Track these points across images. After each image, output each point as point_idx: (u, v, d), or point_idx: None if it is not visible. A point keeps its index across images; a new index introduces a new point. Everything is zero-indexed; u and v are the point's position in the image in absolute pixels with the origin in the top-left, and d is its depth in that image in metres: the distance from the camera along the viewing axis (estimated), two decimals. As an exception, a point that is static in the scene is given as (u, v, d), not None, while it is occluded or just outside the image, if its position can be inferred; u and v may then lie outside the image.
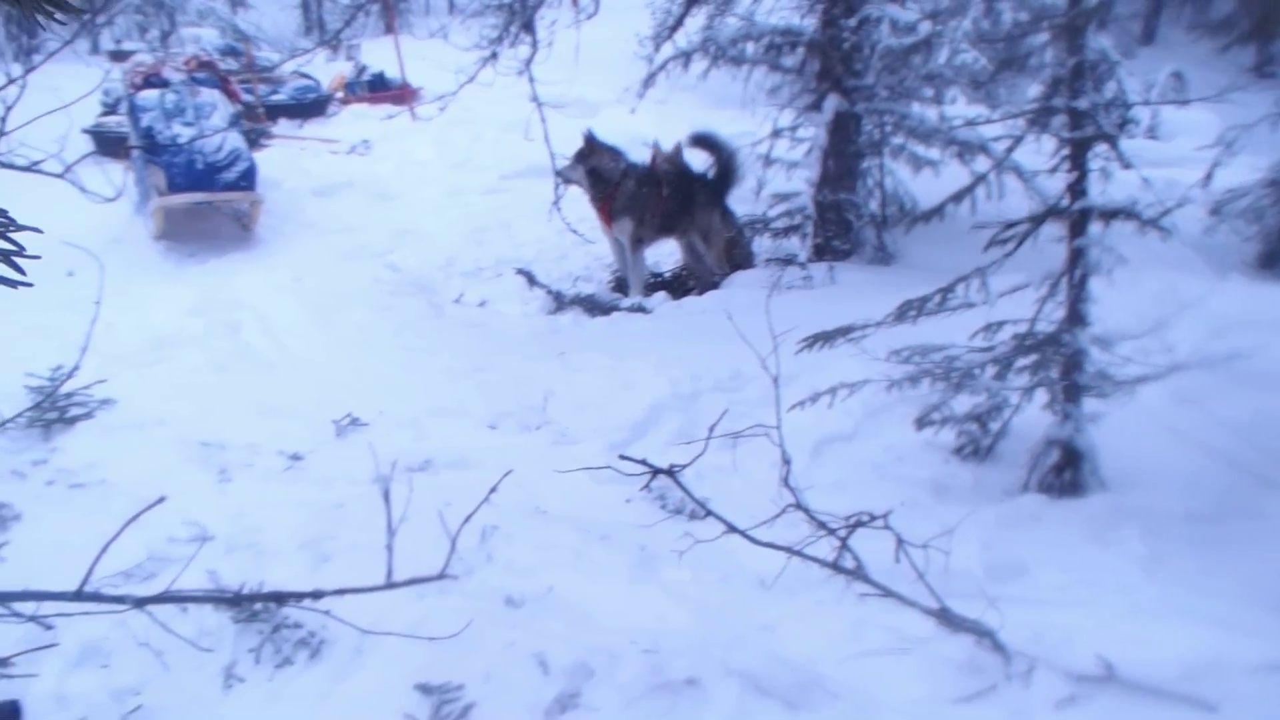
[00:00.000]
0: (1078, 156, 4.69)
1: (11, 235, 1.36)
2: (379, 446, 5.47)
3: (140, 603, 2.62)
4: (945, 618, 3.81)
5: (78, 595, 2.50)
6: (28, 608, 2.52)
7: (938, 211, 5.40)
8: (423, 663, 3.94)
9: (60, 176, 3.59)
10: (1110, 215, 4.62)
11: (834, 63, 7.66)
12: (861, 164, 8.08)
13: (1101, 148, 4.65)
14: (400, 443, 5.63)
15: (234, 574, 4.35)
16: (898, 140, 8.11)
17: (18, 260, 1.64)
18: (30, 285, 1.86)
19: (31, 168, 3.38)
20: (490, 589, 4.40)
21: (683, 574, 4.50)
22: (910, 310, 5.01)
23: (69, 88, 3.78)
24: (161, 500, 2.85)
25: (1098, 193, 4.74)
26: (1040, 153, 5.25)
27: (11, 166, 3.28)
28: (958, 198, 5.43)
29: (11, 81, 3.37)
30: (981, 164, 7.22)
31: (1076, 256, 4.76)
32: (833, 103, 7.68)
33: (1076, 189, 4.72)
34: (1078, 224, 4.73)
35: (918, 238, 7.57)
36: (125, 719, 3.76)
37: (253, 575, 4.27)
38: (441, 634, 3.85)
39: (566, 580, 4.47)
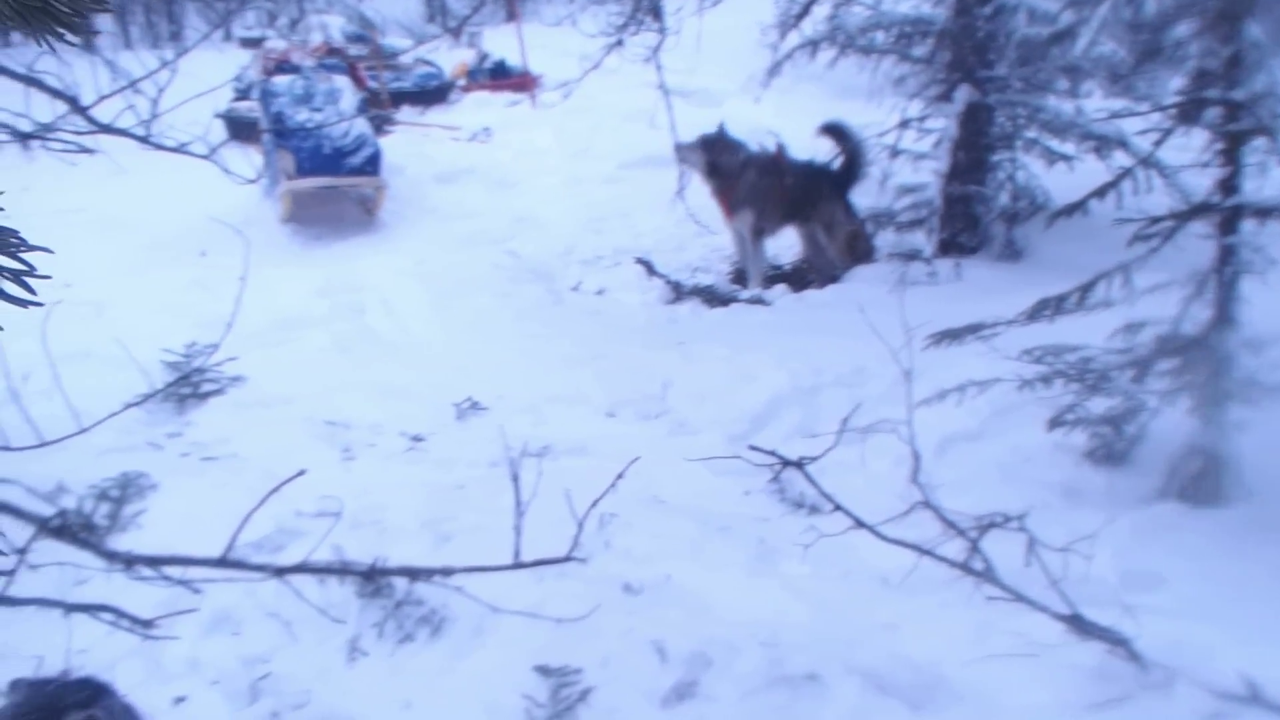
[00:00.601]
0: (1232, 151, 4.53)
1: (22, 255, 1.40)
2: (499, 431, 5.54)
3: (280, 572, 2.70)
4: (1076, 624, 3.71)
5: (221, 562, 2.58)
6: (174, 572, 2.61)
7: (1081, 206, 5.27)
8: (542, 645, 3.99)
9: (206, 158, 3.69)
10: (1266, 213, 4.47)
11: (966, 53, 7.49)
12: (992, 157, 7.87)
13: (1258, 141, 4.48)
14: (519, 428, 5.68)
15: (358, 550, 4.42)
16: (1031, 134, 7.89)
17: (29, 280, 1.69)
18: (40, 305, 1.93)
19: (181, 149, 3.48)
20: (608, 575, 4.43)
21: (802, 569, 4.47)
22: (1046, 308, 4.88)
23: (203, 74, 3.89)
24: (302, 473, 2.92)
25: (1252, 189, 4.58)
26: (1181, 148, 5.08)
27: (163, 147, 3.38)
28: (1101, 192, 5.28)
29: (164, 65, 3.47)
30: (1119, 159, 6.99)
31: (1227, 255, 4.59)
32: (964, 94, 7.50)
33: (1229, 185, 4.56)
34: (1229, 221, 4.57)
35: (1048, 234, 7.34)
36: (255, 685, 3.87)
37: (376, 552, 4.31)
38: (561, 617, 3.90)
39: (685, 570, 4.49)
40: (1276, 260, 4.56)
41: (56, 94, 3.16)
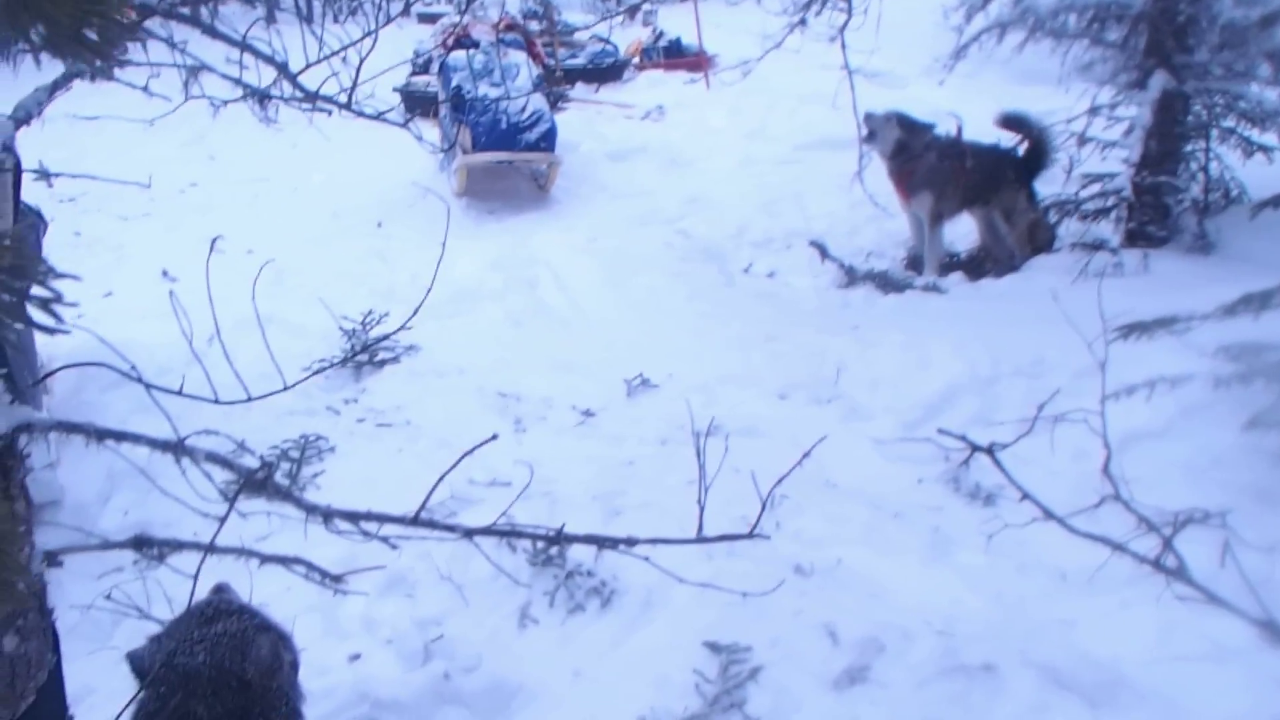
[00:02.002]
0: None
1: (51, 284, 1.40)
2: (670, 409, 5.55)
3: (469, 533, 2.73)
4: (1272, 630, 3.56)
5: (414, 520, 2.61)
6: (370, 527, 2.66)
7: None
8: (711, 622, 3.98)
9: (402, 126, 3.76)
10: None
11: (1164, 37, 7.22)
12: (1185, 147, 7.60)
13: None
14: (691, 407, 5.66)
15: (529, 520, 4.44)
16: (1228, 123, 7.57)
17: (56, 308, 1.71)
18: (68, 333, 1.96)
19: (380, 117, 3.54)
20: (779, 557, 4.39)
21: (978, 559, 4.40)
22: (1249, 304, 4.67)
23: (381, 48, 3.96)
24: (494, 438, 2.93)
25: None
26: None
27: (364, 115, 3.44)
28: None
29: (367, 35, 3.52)
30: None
31: None
32: (1160, 80, 7.22)
33: None
34: None
35: (1243, 228, 7.08)
36: (428, 646, 3.93)
37: (547, 522, 4.37)
38: (731, 595, 3.88)
39: (856, 555, 4.44)
40: None
41: (268, 60, 3.23)
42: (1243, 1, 6.73)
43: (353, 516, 2.54)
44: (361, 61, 3.48)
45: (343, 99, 3.35)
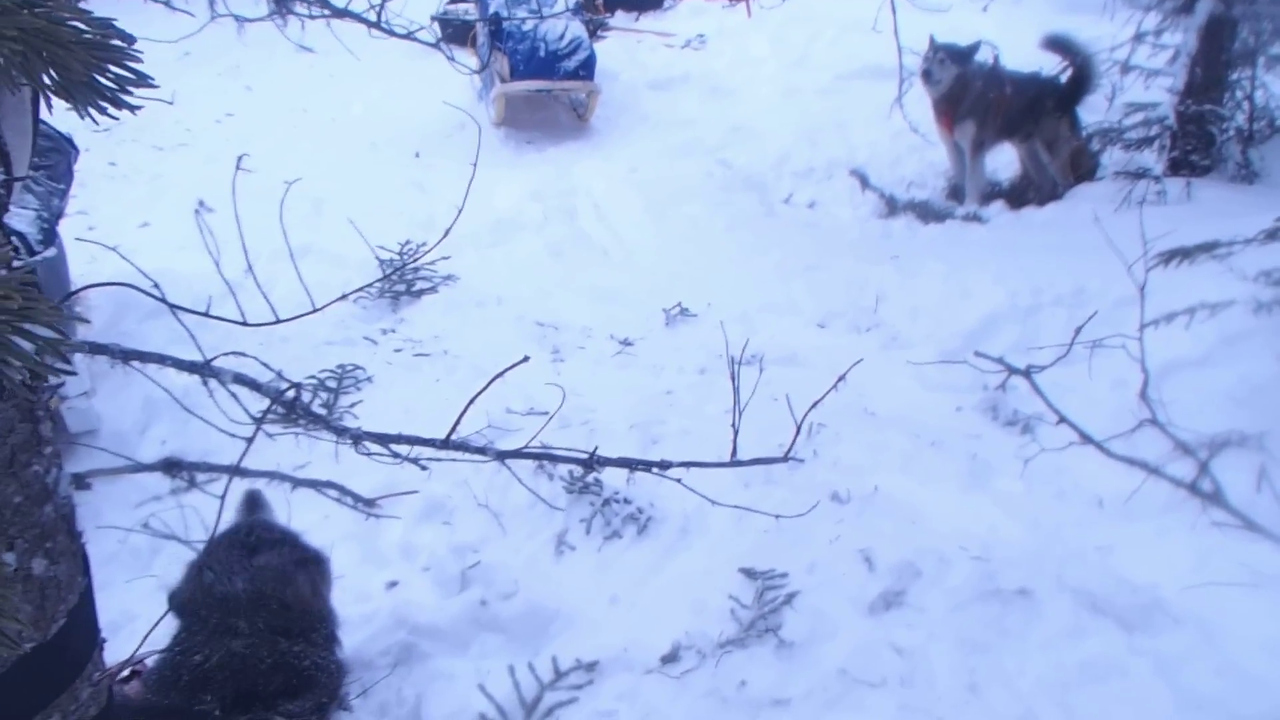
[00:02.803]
0: None
1: (58, 325, 1.38)
2: (708, 338, 5.51)
3: (501, 456, 2.72)
4: (1310, 556, 3.55)
5: (446, 443, 2.60)
6: (402, 450, 2.65)
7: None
8: (747, 548, 3.98)
9: (434, 46, 3.72)
10: None
11: (1213, -39, 7.08)
12: (1231, 75, 7.45)
13: None
14: (730, 336, 5.62)
15: (568, 448, 4.47)
16: (1276, 50, 7.38)
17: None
18: (75, 374, 1.92)
19: (410, 36, 3.50)
20: (816, 484, 4.37)
21: (1016, 486, 4.37)
22: (1293, 226, 4.62)
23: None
24: (526, 360, 2.91)
25: None
26: None
27: (393, 33, 3.41)
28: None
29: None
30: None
31: None
32: (1207, 5, 7.06)
33: None
34: None
35: (1287, 156, 7.00)
36: (465, 573, 3.94)
37: (586, 450, 4.37)
38: (767, 522, 3.87)
39: (894, 482, 4.41)
40: None
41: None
42: (1297, -78, 6.57)
43: (383, 439, 2.53)
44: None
45: (372, 16, 3.30)
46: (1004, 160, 8.31)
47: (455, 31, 11.06)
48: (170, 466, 2.81)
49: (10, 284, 1.33)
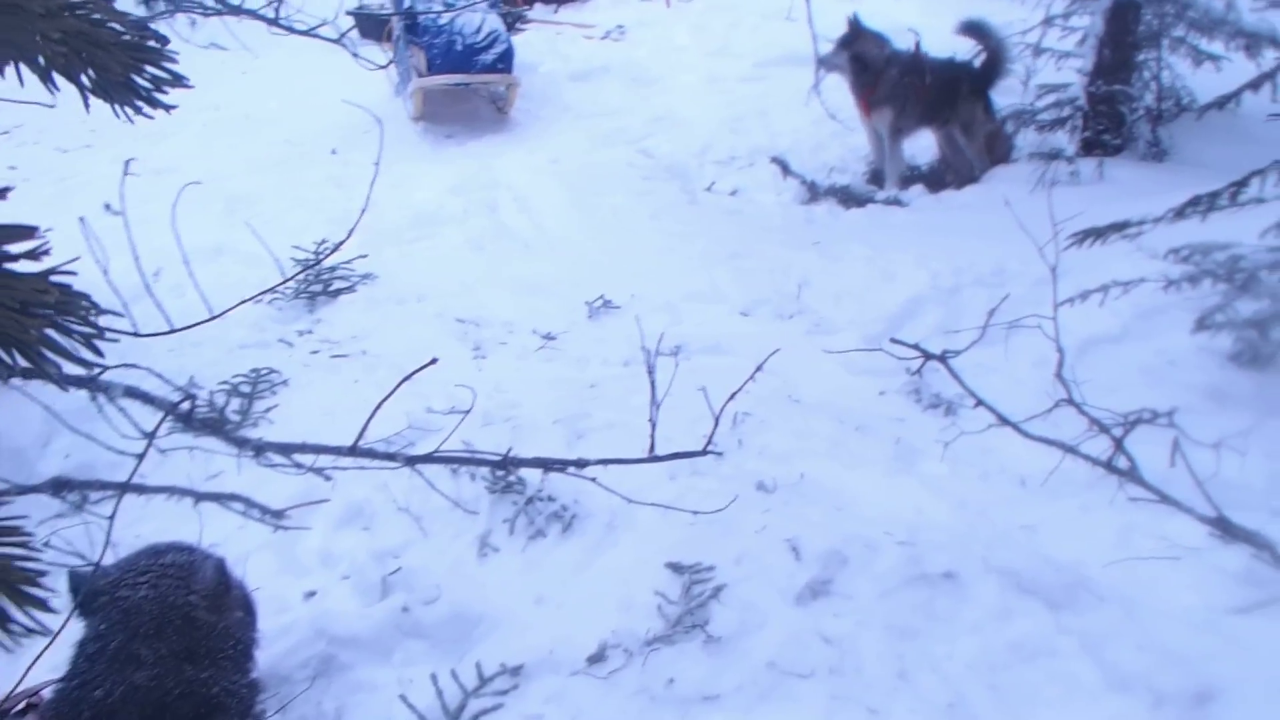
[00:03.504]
0: None
1: (93, 319, 1.33)
2: (632, 330, 5.45)
3: (410, 461, 2.65)
4: (1222, 527, 3.59)
5: (353, 450, 2.53)
6: (306, 460, 2.56)
7: (1234, 97, 5.04)
8: (674, 542, 3.92)
9: (335, 42, 3.61)
10: None
11: (1116, -54, 7.17)
12: (1138, 56, 7.60)
13: None
14: (654, 326, 5.56)
15: (490, 446, 4.34)
16: (1178, 32, 7.54)
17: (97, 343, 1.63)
18: (105, 369, 1.87)
19: (309, 32, 3.40)
20: (743, 473, 4.35)
21: (940, 468, 4.38)
22: (1197, 205, 4.69)
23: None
24: (434, 361, 2.84)
25: None
26: None
27: (292, 30, 3.31)
28: (1256, 84, 5.04)
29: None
30: (1270, 58, 6.67)
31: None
32: (1113, -11, 7.21)
33: None
34: None
35: (1194, 134, 7.10)
36: (386, 580, 3.86)
37: (509, 448, 4.29)
38: (695, 510, 3.82)
39: (820, 468, 4.39)
40: None
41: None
42: (1190, -91, 6.69)
43: (285, 449, 2.45)
44: (291, -25, 3.35)
45: (270, 13, 3.20)
46: (923, 144, 8.35)
47: (371, 25, 10.91)
48: (59, 486, 2.69)
49: (45, 280, 1.27)
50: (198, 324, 2.60)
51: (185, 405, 2.36)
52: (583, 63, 11.25)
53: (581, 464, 2.99)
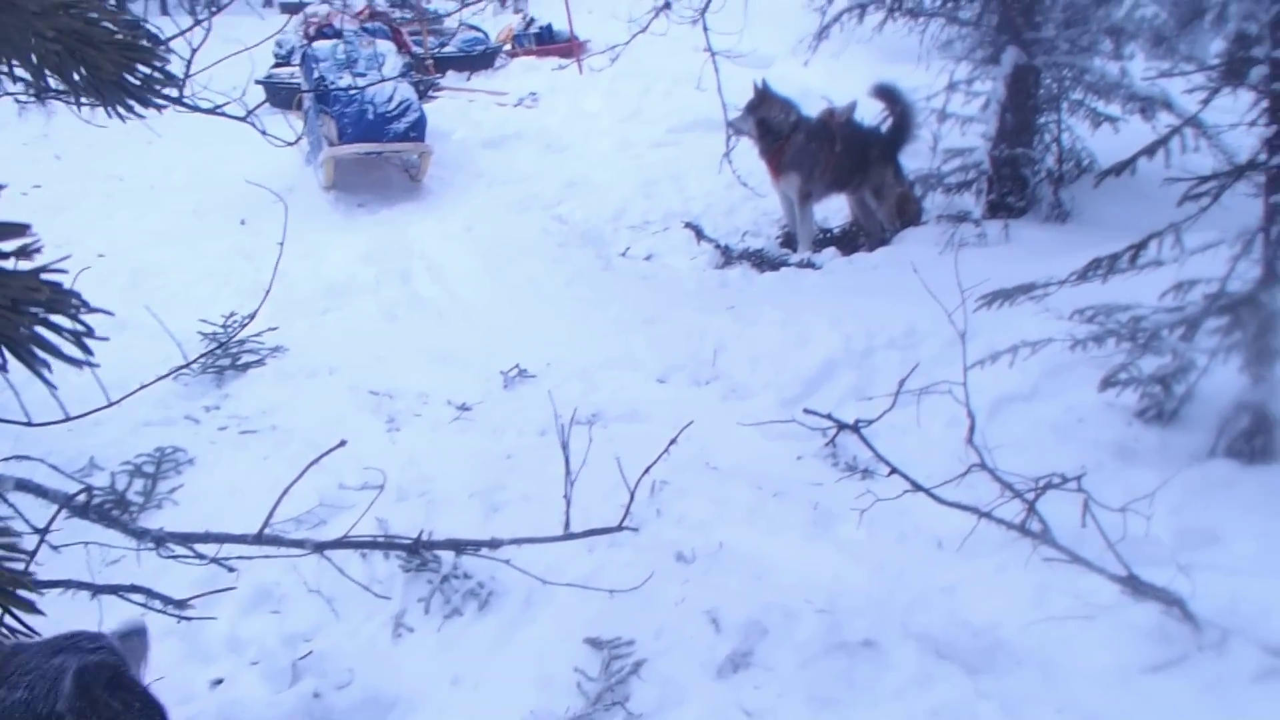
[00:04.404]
0: (1278, 109, 4.46)
1: (83, 318, 1.30)
2: (548, 399, 5.41)
3: (320, 547, 2.57)
4: (1132, 584, 3.62)
5: (259, 539, 2.45)
6: (209, 549, 2.48)
7: (1131, 164, 5.17)
8: (593, 617, 3.87)
9: (243, 120, 3.55)
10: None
11: (1013, 14, 7.37)
12: (1039, 119, 7.81)
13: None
14: (569, 395, 5.53)
15: (405, 522, 4.33)
16: (1076, 95, 7.80)
17: (87, 341, 1.60)
18: (97, 366, 1.82)
19: (216, 110, 3.35)
20: (661, 544, 4.31)
21: (858, 533, 4.36)
22: (1098, 267, 4.83)
23: (245, 40, 3.79)
24: (343, 444, 2.79)
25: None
26: (1222, 110, 5.06)
27: (198, 109, 3.24)
28: (1151, 150, 5.18)
29: (198, 23, 3.33)
30: (1164, 120, 6.89)
31: (1274, 213, 4.50)
32: (1012, 55, 7.40)
33: (1275, 143, 4.48)
34: (1276, 179, 4.49)
35: (1095, 195, 7.24)
36: (296, 665, 3.76)
37: (424, 524, 4.20)
38: (612, 588, 3.77)
39: (739, 536, 4.37)
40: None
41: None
42: (1084, -20, 6.90)
43: (186, 539, 2.37)
44: (194, 52, 3.28)
45: (174, 92, 3.14)
46: (835, 207, 8.47)
47: (281, 96, 10.86)
48: (-54, 584, 2.58)
49: (35, 278, 1.21)
50: (93, 411, 2.52)
51: (82, 497, 2.27)
52: (495, 129, 11.29)
53: (495, 544, 2.94)
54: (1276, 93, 4.46)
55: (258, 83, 11.39)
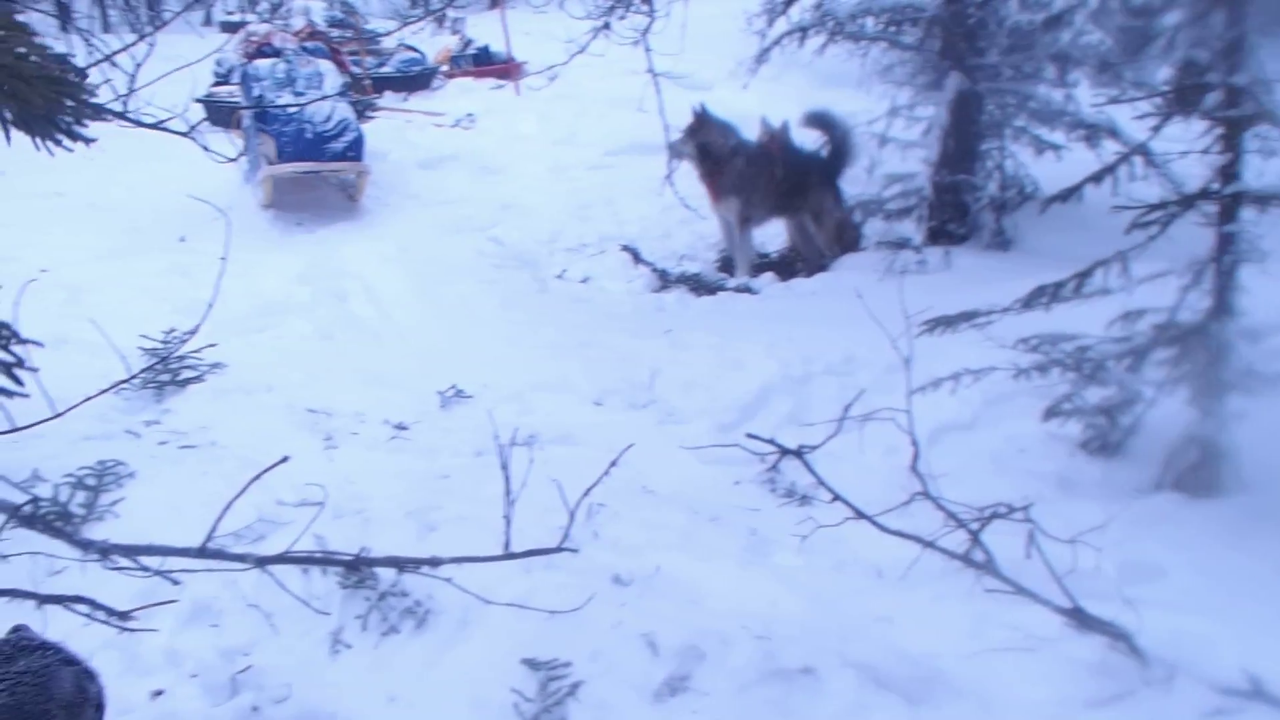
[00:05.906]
0: (1231, 137, 4.49)
1: (13, 349, 1.35)
2: (483, 419, 5.44)
3: (261, 562, 2.61)
4: (1077, 618, 3.66)
5: (201, 552, 2.48)
6: (152, 562, 2.51)
7: (1076, 191, 5.21)
8: (530, 638, 3.90)
9: (186, 135, 3.58)
10: (1265, 200, 4.41)
11: (957, 40, 7.44)
12: (981, 145, 7.84)
13: (1261, 128, 4.42)
14: (505, 416, 5.56)
15: (341, 540, 4.32)
16: (1020, 122, 7.84)
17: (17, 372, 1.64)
18: (26, 396, 1.85)
19: (158, 126, 3.37)
20: (597, 567, 4.35)
21: (795, 560, 4.42)
22: (1043, 296, 4.84)
23: (184, 59, 3.83)
24: (285, 460, 2.82)
25: (1251, 176, 4.51)
26: (1168, 139, 5.03)
27: (140, 124, 3.27)
28: (1097, 178, 5.21)
29: (141, 38, 3.36)
30: (1109, 148, 6.92)
31: (1225, 243, 4.55)
32: (955, 81, 7.46)
33: (1229, 171, 4.52)
34: (1228, 209, 4.53)
35: (1037, 223, 7.33)
36: (235, 678, 3.77)
37: (360, 542, 4.22)
38: (549, 609, 3.81)
39: (675, 561, 4.41)
40: (1273, 249, 4.51)
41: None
42: (1028, 6, 6.95)
43: (131, 551, 2.40)
44: (138, 67, 3.32)
45: (118, 106, 3.17)
46: (773, 232, 8.54)
47: (220, 114, 10.80)
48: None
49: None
50: (40, 422, 2.54)
51: (29, 508, 2.30)
52: (431, 151, 11.29)
53: (436, 562, 2.98)
54: (1231, 120, 4.47)
55: (197, 101, 11.34)
